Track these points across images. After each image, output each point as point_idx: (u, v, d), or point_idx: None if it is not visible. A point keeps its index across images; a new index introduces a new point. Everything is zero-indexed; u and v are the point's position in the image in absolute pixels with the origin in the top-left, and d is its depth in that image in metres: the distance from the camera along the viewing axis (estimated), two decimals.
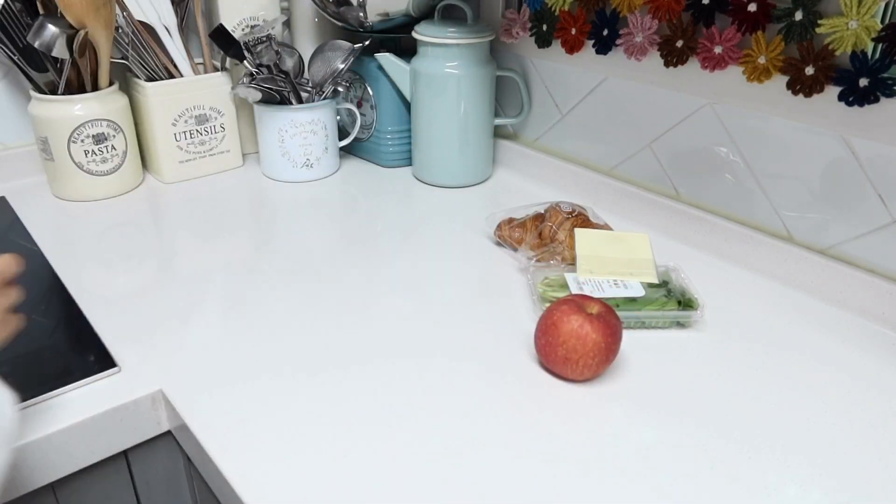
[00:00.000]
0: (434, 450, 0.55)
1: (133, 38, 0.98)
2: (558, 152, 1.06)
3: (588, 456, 0.55)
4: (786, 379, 0.65)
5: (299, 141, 1.05)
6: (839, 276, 0.76)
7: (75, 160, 0.96)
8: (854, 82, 0.69)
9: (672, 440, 0.57)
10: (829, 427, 0.59)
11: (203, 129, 1.06)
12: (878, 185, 0.72)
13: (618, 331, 0.62)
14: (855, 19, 0.67)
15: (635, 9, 0.86)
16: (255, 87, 1.01)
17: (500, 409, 0.60)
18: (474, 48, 0.98)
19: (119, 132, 0.99)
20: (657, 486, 0.52)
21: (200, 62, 1.07)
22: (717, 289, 0.78)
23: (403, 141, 1.13)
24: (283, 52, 1.04)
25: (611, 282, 0.74)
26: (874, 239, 0.74)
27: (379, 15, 1.02)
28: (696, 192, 0.89)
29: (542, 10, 0.97)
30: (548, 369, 0.64)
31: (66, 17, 0.88)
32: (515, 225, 0.86)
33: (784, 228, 0.82)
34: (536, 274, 0.77)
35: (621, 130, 0.95)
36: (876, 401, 0.62)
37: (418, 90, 1.02)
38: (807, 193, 0.78)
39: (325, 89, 1.06)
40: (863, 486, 0.53)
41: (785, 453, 0.56)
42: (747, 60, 0.77)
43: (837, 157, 0.74)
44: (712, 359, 0.67)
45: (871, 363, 0.67)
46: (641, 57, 0.88)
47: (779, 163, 0.79)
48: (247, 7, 1.08)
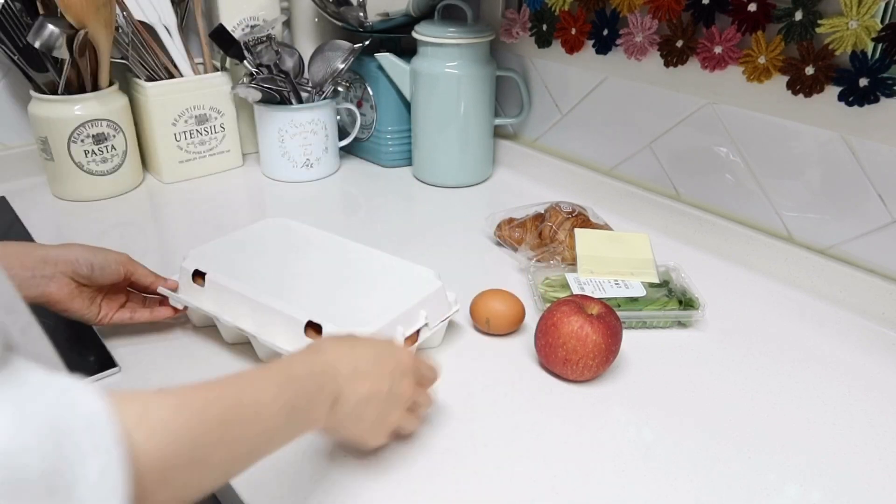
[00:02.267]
0: (433, 449, 0.55)
1: (133, 37, 0.98)
2: (558, 152, 1.06)
3: (588, 456, 0.55)
4: (786, 378, 0.65)
5: (299, 141, 1.05)
6: (839, 275, 0.76)
7: (75, 160, 0.96)
8: (854, 82, 0.69)
9: (672, 440, 0.57)
10: (829, 426, 0.59)
11: (203, 129, 1.06)
12: (878, 185, 0.72)
13: (618, 332, 0.62)
14: (855, 19, 0.67)
15: (635, 9, 0.86)
16: (255, 87, 1.01)
17: (500, 409, 0.60)
18: (474, 48, 0.98)
19: (119, 132, 0.99)
20: (657, 485, 0.52)
21: (200, 62, 1.07)
22: (717, 288, 0.78)
23: (403, 141, 1.13)
24: (283, 51, 1.04)
25: (612, 282, 0.74)
26: (874, 239, 0.74)
27: (379, 15, 1.02)
28: (696, 192, 0.89)
29: (542, 10, 0.97)
30: (548, 370, 0.64)
31: (66, 17, 0.88)
32: (515, 225, 0.86)
33: (784, 228, 0.82)
34: (537, 274, 0.77)
35: (621, 130, 0.95)
36: (876, 400, 0.62)
37: (418, 90, 1.02)
38: (807, 193, 0.78)
39: (325, 89, 1.06)
40: (863, 486, 0.53)
41: (785, 453, 0.56)
42: (747, 60, 0.77)
43: (837, 157, 0.74)
44: (713, 358, 0.67)
45: (871, 363, 0.67)
46: (641, 57, 0.88)
47: (779, 163, 0.80)
48: (247, 7, 1.08)
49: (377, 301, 0.62)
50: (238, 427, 0.38)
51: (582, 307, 0.62)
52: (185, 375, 0.63)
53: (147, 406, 0.33)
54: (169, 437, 0.33)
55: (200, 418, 0.36)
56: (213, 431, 0.36)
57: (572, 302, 0.63)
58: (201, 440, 0.35)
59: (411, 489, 0.51)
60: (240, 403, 0.39)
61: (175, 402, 0.35)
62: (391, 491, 0.51)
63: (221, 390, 0.39)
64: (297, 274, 0.66)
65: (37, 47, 0.88)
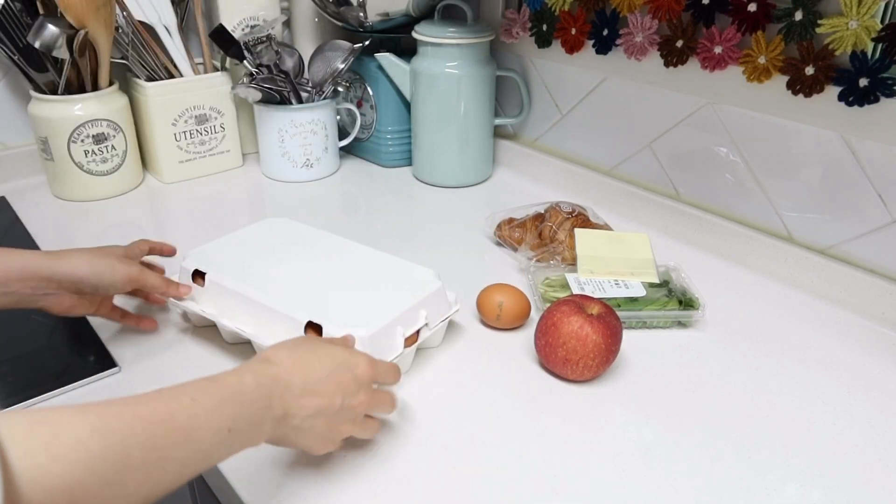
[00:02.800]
0: (433, 449, 0.55)
1: (133, 37, 0.98)
2: (558, 152, 1.06)
3: (589, 456, 0.55)
4: (786, 378, 0.65)
5: (299, 141, 1.05)
6: (839, 275, 0.76)
7: (75, 160, 0.96)
8: (854, 82, 0.69)
9: (672, 440, 0.57)
10: (829, 426, 0.59)
11: (203, 129, 1.06)
12: (878, 185, 0.72)
13: (618, 332, 0.62)
14: (855, 19, 0.67)
15: (635, 9, 0.86)
16: (255, 87, 1.01)
17: (500, 409, 0.60)
18: (474, 48, 0.98)
19: (119, 132, 0.99)
20: (657, 485, 0.52)
21: (200, 62, 1.07)
22: (717, 289, 0.78)
23: (403, 141, 1.13)
24: (283, 51, 1.04)
25: (612, 282, 0.74)
26: (874, 239, 0.74)
27: (379, 15, 1.02)
28: (696, 191, 0.89)
29: (542, 10, 0.97)
30: (548, 370, 0.64)
31: (66, 16, 0.88)
32: (515, 225, 0.86)
33: (784, 228, 0.82)
34: (537, 274, 0.77)
35: (621, 130, 0.95)
36: (875, 400, 0.62)
37: (418, 90, 1.02)
38: (806, 193, 0.78)
39: (325, 89, 1.06)
40: (862, 485, 0.53)
41: (785, 452, 0.56)
42: (747, 60, 0.77)
43: (837, 157, 0.74)
44: (713, 358, 0.67)
45: (871, 363, 0.67)
46: (641, 57, 0.88)
47: (779, 163, 0.80)
48: (247, 7, 1.08)
49: (377, 301, 0.62)
50: (165, 450, 0.37)
51: (582, 307, 0.62)
52: (185, 375, 0.62)
53: (59, 427, 0.33)
54: (80, 459, 0.33)
55: (121, 441, 0.35)
56: (134, 455, 0.35)
57: (572, 302, 0.63)
58: (120, 464, 0.35)
59: (410, 488, 0.51)
60: (170, 425, 0.38)
61: (94, 423, 0.34)
62: (391, 489, 0.51)
63: (153, 408, 0.38)
64: (297, 274, 0.66)
65: (37, 47, 0.88)
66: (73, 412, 0.35)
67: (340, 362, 0.49)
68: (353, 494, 0.51)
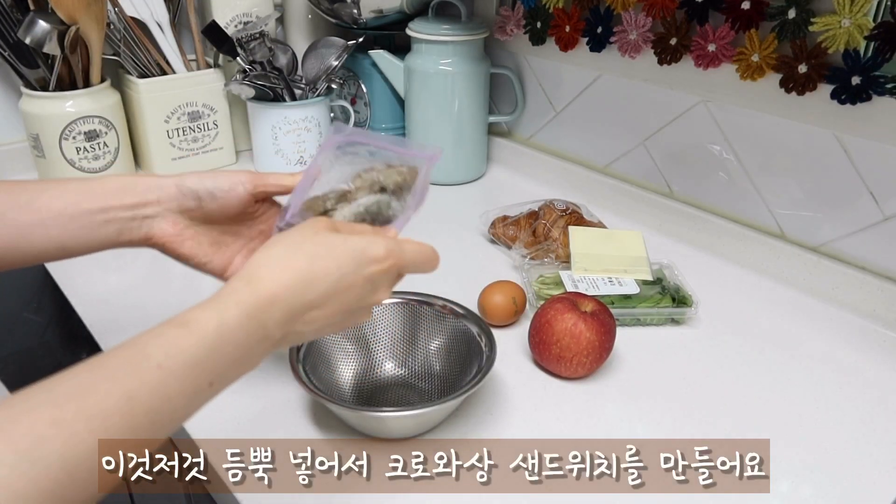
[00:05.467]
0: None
1: (125, 34, 0.98)
2: (552, 150, 1.06)
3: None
4: (779, 375, 0.65)
5: (293, 138, 1.05)
6: (831, 273, 0.76)
7: (67, 157, 0.95)
8: (846, 80, 0.69)
9: (665, 435, 0.57)
10: (821, 422, 0.59)
11: (196, 126, 1.06)
12: (870, 183, 0.72)
13: (612, 329, 0.62)
14: (847, 17, 0.67)
15: (629, 6, 0.86)
16: (248, 84, 1.01)
17: (494, 405, 0.60)
18: (468, 45, 0.98)
19: (111, 129, 0.98)
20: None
21: (193, 59, 1.06)
22: (710, 286, 0.78)
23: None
24: (277, 48, 1.04)
25: (605, 279, 0.75)
26: (866, 236, 0.74)
27: (373, 11, 1.02)
28: (689, 189, 0.89)
29: (537, 7, 0.97)
30: (542, 367, 0.64)
31: (58, 12, 0.88)
32: (509, 223, 0.86)
33: (776, 226, 0.82)
34: (531, 272, 0.78)
35: (615, 128, 0.95)
36: (867, 396, 0.63)
37: (412, 87, 1.02)
38: (799, 191, 0.78)
39: (318, 86, 1.06)
40: (853, 481, 0.53)
41: (777, 448, 0.56)
42: (741, 58, 0.77)
43: (830, 155, 0.74)
44: (706, 355, 0.68)
45: (863, 359, 0.68)
46: (635, 55, 0.88)
47: (771, 160, 0.80)
48: (240, 3, 1.07)
49: None
50: (127, 440, 0.32)
51: (576, 304, 0.62)
52: None
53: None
54: (8, 498, 0.28)
55: (59, 461, 0.29)
56: (83, 465, 0.30)
57: (566, 299, 0.63)
58: (60, 487, 0.29)
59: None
60: (129, 413, 0.32)
61: (19, 449, 0.29)
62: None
63: (106, 392, 0.32)
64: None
65: (27, 43, 0.88)
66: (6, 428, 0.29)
67: (348, 262, 0.41)
68: (350, 494, 0.51)
